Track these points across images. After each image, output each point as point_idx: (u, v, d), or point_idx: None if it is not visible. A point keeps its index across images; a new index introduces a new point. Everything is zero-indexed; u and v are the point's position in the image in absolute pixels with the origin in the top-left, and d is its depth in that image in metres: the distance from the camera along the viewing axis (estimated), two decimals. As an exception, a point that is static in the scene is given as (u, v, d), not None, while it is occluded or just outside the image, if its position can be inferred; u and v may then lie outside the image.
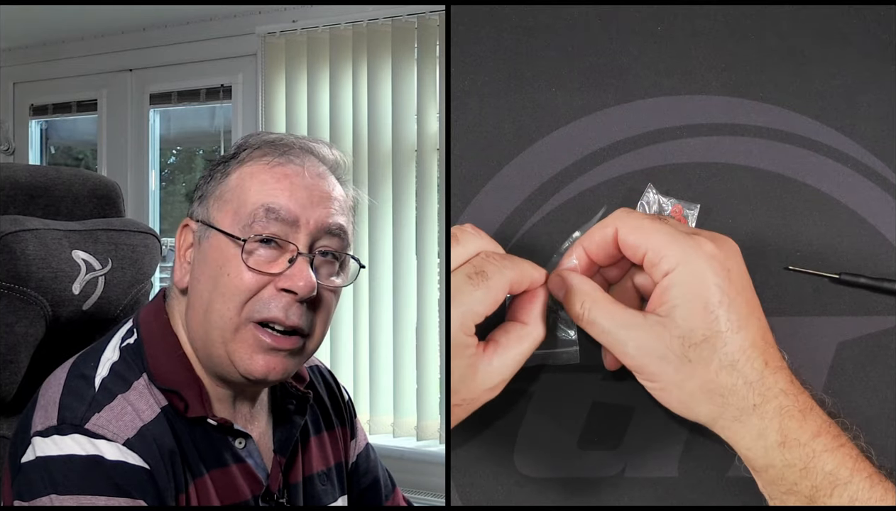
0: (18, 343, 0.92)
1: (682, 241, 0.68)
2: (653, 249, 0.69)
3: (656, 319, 0.68)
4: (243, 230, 0.76)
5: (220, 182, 0.79)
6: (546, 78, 0.89)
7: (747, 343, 0.67)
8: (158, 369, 0.77)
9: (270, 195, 0.76)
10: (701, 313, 0.67)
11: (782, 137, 0.87)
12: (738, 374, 0.67)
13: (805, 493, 0.66)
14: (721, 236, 0.71)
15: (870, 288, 0.82)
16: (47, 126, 3.50)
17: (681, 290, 0.67)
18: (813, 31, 0.89)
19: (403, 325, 2.53)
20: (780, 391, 0.67)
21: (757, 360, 0.67)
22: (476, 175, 0.87)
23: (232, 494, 0.79)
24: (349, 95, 2.62)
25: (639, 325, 0.68)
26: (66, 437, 0.71)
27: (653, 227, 0.69)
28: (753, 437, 0.67)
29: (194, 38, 2.95)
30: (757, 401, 0.67)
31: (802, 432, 0.66)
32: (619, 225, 0.71)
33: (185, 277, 0.79)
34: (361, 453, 0.98)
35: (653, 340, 0.68)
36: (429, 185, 2.53)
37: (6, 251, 0.89)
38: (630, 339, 0.69)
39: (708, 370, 0.67)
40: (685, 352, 0.67)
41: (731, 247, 0.70)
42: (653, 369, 0.68)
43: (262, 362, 0.76)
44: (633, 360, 0.69)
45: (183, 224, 0.81)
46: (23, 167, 1.06)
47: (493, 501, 0.81)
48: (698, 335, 0.66)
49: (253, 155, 0.79)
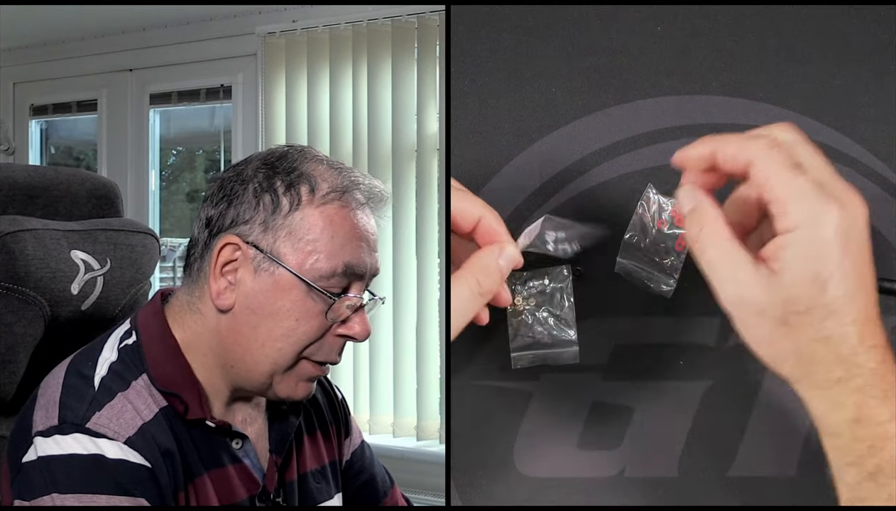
0: (17, 343, 0.92)
1: (811, 201, 0.66)
2: (781, 199, 0.66)
3: (765, 274, 0.66)
4: (317, 280, 0.76)
5: (286, 215, 0.76)
6: (546, 78, 0.89)
7: (848, 319, 0.65)
8: (158, 371, 0.77)
9: (351, 253, 0.77)
10: (809, 283, 0.65)
11: (782, 137, 0.87)
12: (832, 348, 0.66)
13: (867, 469, 0.65)
14: (854, 198, 0.68)
15: (870, 288, 0.82)
16: (47, 126, 3.50)
17: (796, 254, 0.65)
18: (813, 31, 0.89)
19: (403, 325, 2.53)
20: (868, 370, 0.65)
21: (853, 337, 0.65)
22: (476, 175, 0.87)
23: (229, 495, 0.79)
24: (349, 95, 2.62)
25: (748, 273, 0.67)
26: (67, 436, 0.71)
27: (788, 177, 0.66)
28: (830, 408, 0.67)
29: (194, 38, 2.94)
30: (842, 375, 0.66)
31: (881, 412, 0.65)
32: (756, 159, 0.67)
33: (228, 299, 0.77)
34: (356, 451, 0.98)
35: (756, 293, 0.66)
36: (429, 185, 2.52)
37: (5, 251, 0.89)
38: (734, 282, 0.67)
39: (803, 337, 0.66)
40: (785, 315, 0.66)
41: (858, 213, 0.67)
42: (748, 321, 0.67)
43: (304, 389, 0.80)
44: (731, 304, 0.68)
45: (228, 241, 0.76)
46: (21, 167, 1.06)
47: (493, 501, 0.81)
48: (802, 303, 0.65)
49: (327, 196, 0.77)
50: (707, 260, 0.69)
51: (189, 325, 0.80)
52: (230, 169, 0.81)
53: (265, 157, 0.80)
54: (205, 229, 0.79)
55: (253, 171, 0.78)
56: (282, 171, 0.77)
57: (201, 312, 0.79)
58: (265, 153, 0.81)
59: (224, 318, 0.78)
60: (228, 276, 0.77)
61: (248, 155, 0.82)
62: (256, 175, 0.78)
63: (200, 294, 0.79)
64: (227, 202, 0.77)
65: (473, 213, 0.73)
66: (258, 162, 0.79)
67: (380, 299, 0.83)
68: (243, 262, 0.77)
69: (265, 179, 0.77)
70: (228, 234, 0.77)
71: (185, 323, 0.80)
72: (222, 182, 0.79)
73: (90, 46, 3.16)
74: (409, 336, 2.53)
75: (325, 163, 0.79)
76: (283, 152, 0.80)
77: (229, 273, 0.77)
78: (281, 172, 0.77)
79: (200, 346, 0.79)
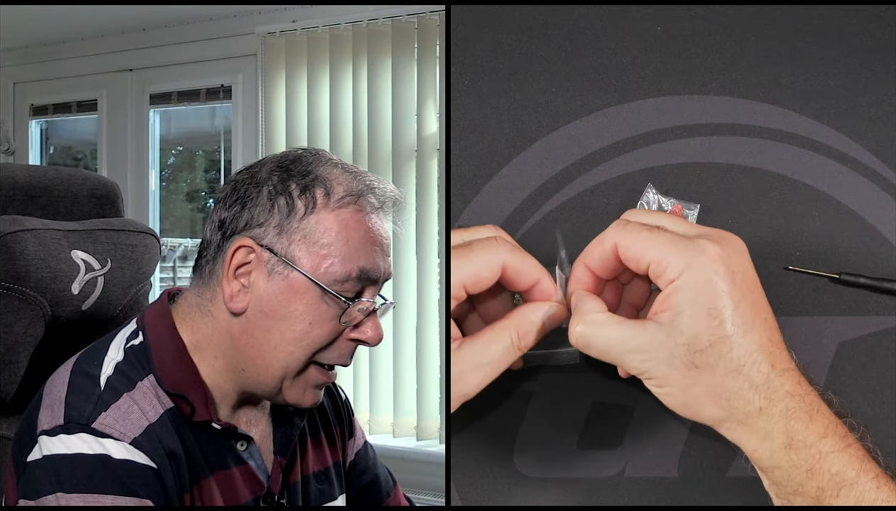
0: (18, 343, 0.92)
1: (684, 247, 0.67)
2: (655, 260, 0.68)
3: (659, 327, 0.67)
4: (331, 284, 0.76)
5: (301, 218, 0.76)
6: (546, 78, 0.89)
7: (753, 346, 0.66)
8: (165, 373, 0.77)
9: (365, 258, 0.77)
10: (705, 319, 0.66)
11: (782, 137, 0.87)
12: (745, 378, 0.66)
13: (811, 494, 0.66)
14: (727, 235, 0.70)
15: (870, 288, 0.82)
16: (47, 126, 3.50)
17: (685, 297, 0.66)
18: (813, 31, 0.89)
19: (403, 325, 2.53)
20: (786, 393, 0.66)
21: (763, 364, 0.66)
22: (476, 175, 0.87)
23: (234, 497, 0.79)
24: (349, 95, 2.62)
25: (641, 336, 0.68)
26: (73, 436, 0.71)
27: (652, 237, 0.68)
28: (759, 440, 0.67)
29: (194, 38, 2.94)
30: (763, 404, 0.66)
31: (809, 434, 0.66)
32: (618, 239, 0.70)
33: (241, 302, 0.77)
34: (360, 451, 0.98)
35: (658, 348, 0.67)
36: (429, 185, 2.52)
37: (5, 251, 0.89)
38: (635, 351, 0.68)
39: (714, 375, 0.66)
40: (691, 358, 0.66)
41: (736, 247, 0.69)
42: (659, 376, 0.68)
43: (312, 396, 0.81)
44: (639, 370, 0.69)
45: (241, 244, 0.76)
46: (22, 167, 1.06)
47: (493, 501, 0.81)
48: (704, 341, 0.66)
49: (343, 200, 0.77)
50: (595, 347, 0.69)
51: (199, 327, 0.79)
52: (243, 170, 0.80)
53: (279, 160, 0.79)
54: (217, 231, 0.78)
55: (267, 173, 0.78)
56: (297, 174, 0.77)
57: (212, 315, 0.79)
58: (279, 155, 0.80)
59: (236, 321, 0.77)
60: (241, 278, 0.77)
61: (248, 155, 0.83)
62: (271, 177, 0.77)
63: (212, 296, 0.79)
64: (241, 204, 0.77)
65: (534, 275, 0.72)
66: (272, 164, 0.79)
67: (391, 303, 0.83)
68: (257, 265, 0.76)
69: (280, 182, 0.77)
70: (242, 236, 0.76)
71: (194, 324, 0.80)
72: (235, 184, 0.79)
73: (90, 46, 3.16)
74: (409, 336, 2.53)
75: (339, 166, 0.79)
76: (298, 155, 0.79)
77: (242, 276, 0.77)
78: (296, 175, 0.77)
79: (210, 349, 0.79)
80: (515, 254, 0.71)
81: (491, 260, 0.71)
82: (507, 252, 0.71)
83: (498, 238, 0.72)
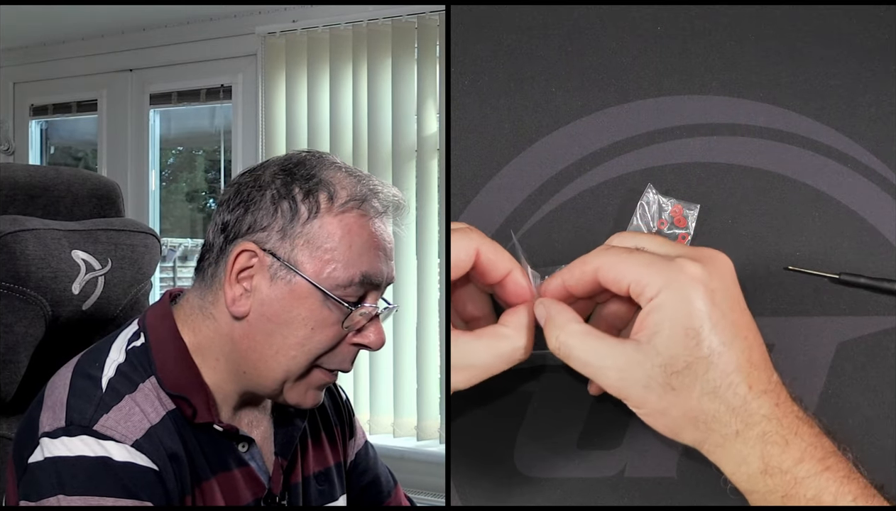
0: (18, 343, 0.92)
1: (663, 267, 0.67)
2: (635, 280, 0.67)
3: (637, 347, 0.67)
4: (334, 289, 0.75)
5: (304, 223, 0.75)
6: (546, 78, 0.89)
7: (731, 367, 0.65)
8: (167, 374, 0.77)
9: (368, 263, 0.76)
10: (682, 339, 0.65)
11: (782, 137, 0.87)
12: (721, 401, 0.65)
13: None
14: (711, 253, 0.69)
15: (870, 288, 0.82)
16: (47, 126, 3.50)
17: (662, 316, 0.66)
18: (813, 31, 0.89)
19: (403, 325, 2.53)
20: (762, 417, 0.65)
21: (740, 386, 0.65)
22: (476, 175, 0.87)
23: (235, 498, 0.79)
24: (349, 95, 2.62)
25: (620, 353, 0.67)
26: (74, 438, 0.71)
27: (631, 258, 0.68)
28: (737, 463, 0.67)
29: (194, 38, 2.95)
30: (740, 427, 0.66)
31: (784, 459, 0.65)
32: (599, 264, 0.70)
33: (243, 306, 0.76)
34: (360, 451, 0.98)
35: (634, 368, 0.66)
36: (429, 185, 2.53)
37: (6, 251, 0.89)
38: (612, 368, 0.67)
39: (690, 397, 0.66)
40: (667, 379, 0.66)
41: (717, 266, 0.68)
42: (636, 397, 0.67)
43: (313, 397, 0.81)
44: (616, 389, 0.68)
45: (244, 248, 0.76)
46: (22, 167, 1.06)
47: (493, 501, 0.81)
48: (680, 362, 0.65)
49: (346, 205, 0.76)
50: (577, 358, 0.69)
51: (201, 330, 0.79)
52: (247, 173, 0.79)
53: (283, 163, 0.79)
54: (220, 234, 0.77)
55: (271, 176, 0.77)
56: (300, 177, 0.77)
57: (214, 318, 0.78)
58: (283, 158, 0.80)
59: (238, 325, 0.77)
60: (244, 282, 0.76)
61: (248, 155, 0.82)
62: (274, 181, 0.77)
63: (214, 299, 0.78)
64: (244, 208, 0.76)
65: (506, 265, 0.73)
66: (276, 167, 0.78)
67: (394, 308, 0.83)
68: (259, 269, 0.76)
69: (283, 186, 0.76)
70: (245, 240, 0.76)
71: (196, 327, 0.79)
72: (239, 187, 0.78)
73: (90, 46, 3.17)
74: (409, 336, 2.54)
75: (343, 170, 0.79)
76: (302, 158, 0.79)
77: (245, 280, 0.76)
78: (299, 179, 0.76)
79: (212, 351, 0.79)
80: (488, 243, 0.73)
81: (466, 245, 0.72)
82: (480, 239, 0.72)
83: (471, 227, 0.73)
